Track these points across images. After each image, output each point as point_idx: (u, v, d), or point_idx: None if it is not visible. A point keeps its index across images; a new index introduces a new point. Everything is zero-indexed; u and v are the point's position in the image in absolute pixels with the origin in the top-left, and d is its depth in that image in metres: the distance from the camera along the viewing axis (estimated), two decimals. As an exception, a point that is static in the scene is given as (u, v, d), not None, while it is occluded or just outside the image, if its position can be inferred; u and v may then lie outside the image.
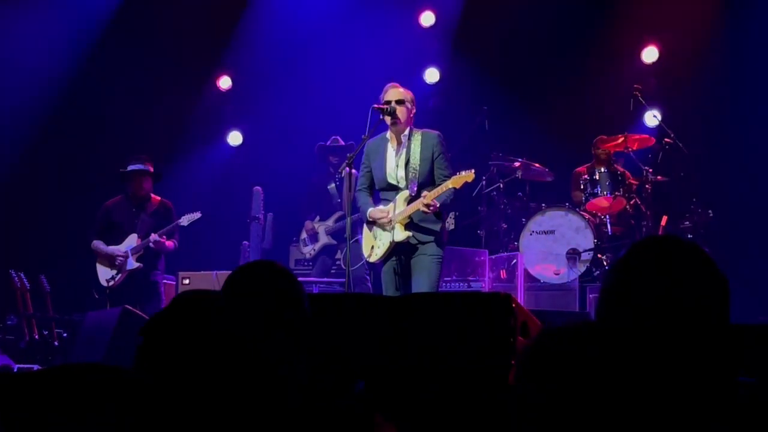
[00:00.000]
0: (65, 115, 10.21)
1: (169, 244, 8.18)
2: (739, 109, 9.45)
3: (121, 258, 8.05)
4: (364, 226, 6.56)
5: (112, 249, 8.13)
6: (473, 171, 6.08)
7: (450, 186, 6.08)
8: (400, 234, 6.22)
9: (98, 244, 8.21)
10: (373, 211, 6.37)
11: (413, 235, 6.22)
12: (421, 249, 6.24)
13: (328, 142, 9.26)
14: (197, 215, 8.20)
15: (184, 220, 8.16)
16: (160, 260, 8.26)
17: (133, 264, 8.04)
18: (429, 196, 6.04)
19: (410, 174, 6.27)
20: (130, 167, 8.23)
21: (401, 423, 3.22)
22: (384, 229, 6.31)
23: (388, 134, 6.46)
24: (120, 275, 8.06)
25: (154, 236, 7.98)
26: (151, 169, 8.28)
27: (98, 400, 2.17)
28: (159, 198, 8.39)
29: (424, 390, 3.52)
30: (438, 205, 6.10)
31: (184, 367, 2.05)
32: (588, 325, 1.65)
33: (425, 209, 6.06)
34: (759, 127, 9.31)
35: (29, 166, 10.13)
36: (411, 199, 6.23)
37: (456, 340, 3.60)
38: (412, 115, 6.42)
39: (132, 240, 8.12)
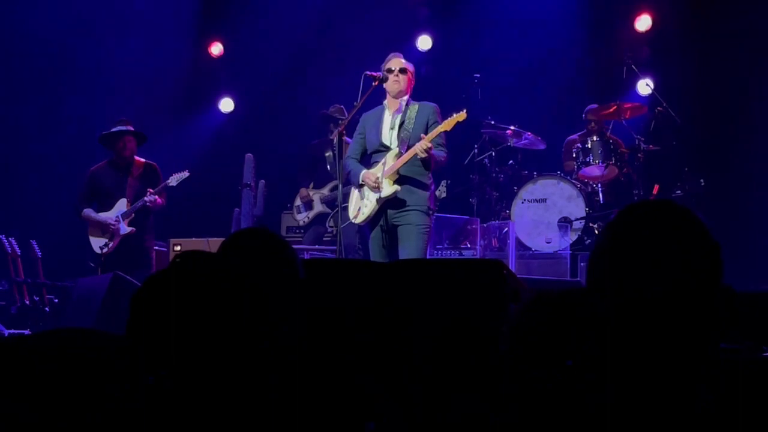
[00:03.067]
0: (56, 79, 10.13)
1: (161, 201, 8.16)
2: (731, 77, 9.42)
3: (112, 225, 8.02)
4: (353, 188, 6.59)
5: (104, 216, 8.08)
6: (465, 111, 6.16)
7: (441, 130, 6.17)
8: (388, 189, 6.24)
9: (89, 213, 8.15)
10: (366, 174, 6.38)
11: (400, 190, 6.21)
12: (407, 218, 6.24)
13: (330, 110, 9.14)
14: (185, 174, 8.16)
15: (173, 180, 8.13)
16: (150, 224, 8.22)
17: (125, 229, 8.00)
18: (427, 138, 6.09)
19: (403, 134, 6.34)
20: (114, 129, 8.18)
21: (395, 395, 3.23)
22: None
23: (386, 103, 6.57)
24: (113, 242, 8.03)
25: (149, 196, 7.94)
26: (133, 129, 8.24)
27: (90, 365, 2.16)
28: (143, 160, 8.33)
29: (415, 357, 3.53)
30: (432, 148, 6.11)
31: (180, 333, 2.02)
32: (579, 291, 1.66)
33: (423, 154, 6.06)
34: (751, 95, 9.30)
35: (20, 132, 10.06)
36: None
37: (447, 306, 3.61)
38: (411, 86, 6.55)
39: (122, 205, 8.08)
